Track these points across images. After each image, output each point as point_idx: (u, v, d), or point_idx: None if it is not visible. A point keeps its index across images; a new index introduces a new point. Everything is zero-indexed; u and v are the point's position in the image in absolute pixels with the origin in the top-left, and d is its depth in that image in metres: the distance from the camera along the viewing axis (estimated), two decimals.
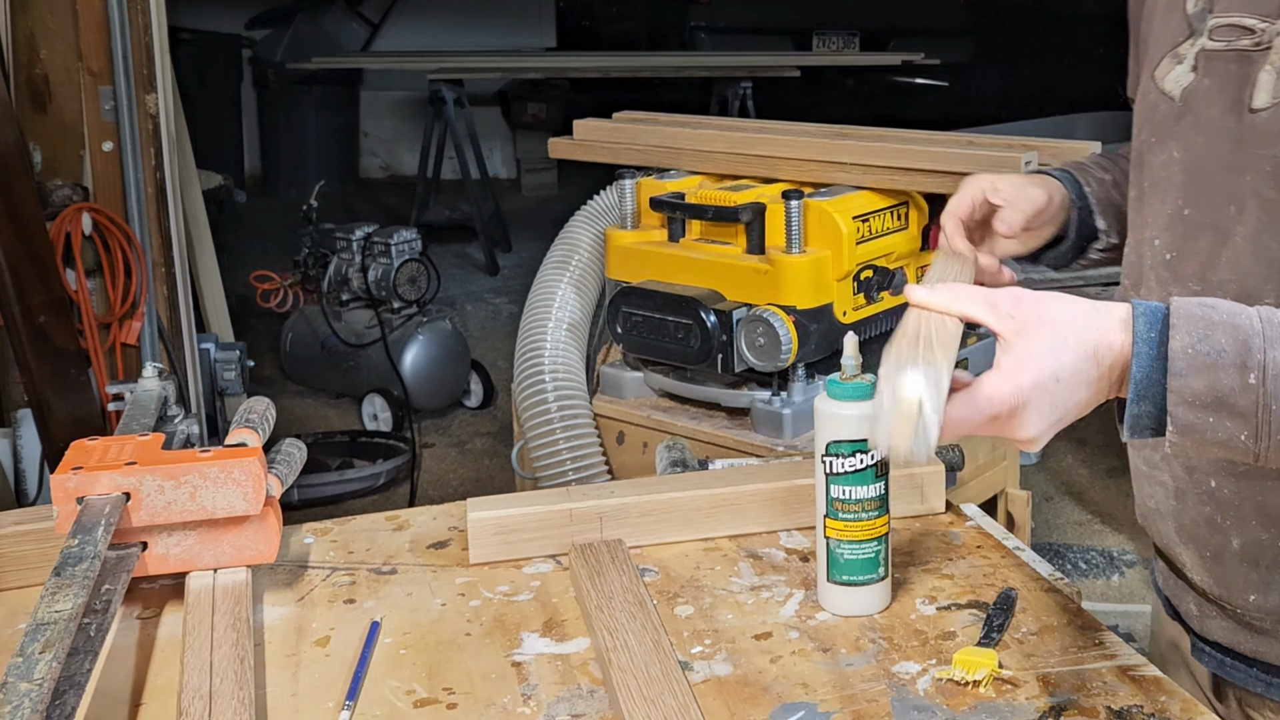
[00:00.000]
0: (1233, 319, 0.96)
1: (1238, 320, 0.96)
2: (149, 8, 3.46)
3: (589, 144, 2.79)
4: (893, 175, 2.36)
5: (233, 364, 3.73)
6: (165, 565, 1.32)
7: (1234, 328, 0.95)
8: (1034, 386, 0.96)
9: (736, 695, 1.15)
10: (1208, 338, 0.95)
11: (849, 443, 1.25)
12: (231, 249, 5.56)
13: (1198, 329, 0.95)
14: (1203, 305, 0.98)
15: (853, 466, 1.25)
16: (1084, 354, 0.97)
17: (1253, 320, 0.96)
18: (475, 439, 4.75)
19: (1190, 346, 0.95)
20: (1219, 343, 0.95)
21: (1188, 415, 0.95)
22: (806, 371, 2.35)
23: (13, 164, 3.08)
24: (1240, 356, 0.94)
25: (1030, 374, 0.96)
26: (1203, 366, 0.95)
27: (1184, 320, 0.96)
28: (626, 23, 9.78)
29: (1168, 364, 0.95)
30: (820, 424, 1.27)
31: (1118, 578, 3.64)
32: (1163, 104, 1.21)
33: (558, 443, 2.49)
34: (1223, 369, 0.94)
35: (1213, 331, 0.95)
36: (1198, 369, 0.95)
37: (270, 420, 1.52)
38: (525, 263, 6.48)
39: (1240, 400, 0.94)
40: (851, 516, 1.27)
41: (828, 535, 1.29)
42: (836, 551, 1.28)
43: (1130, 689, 1.15)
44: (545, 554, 1.43)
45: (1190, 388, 0.95)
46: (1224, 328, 0.95)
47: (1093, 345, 0.98)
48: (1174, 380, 0.95)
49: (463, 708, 1.15)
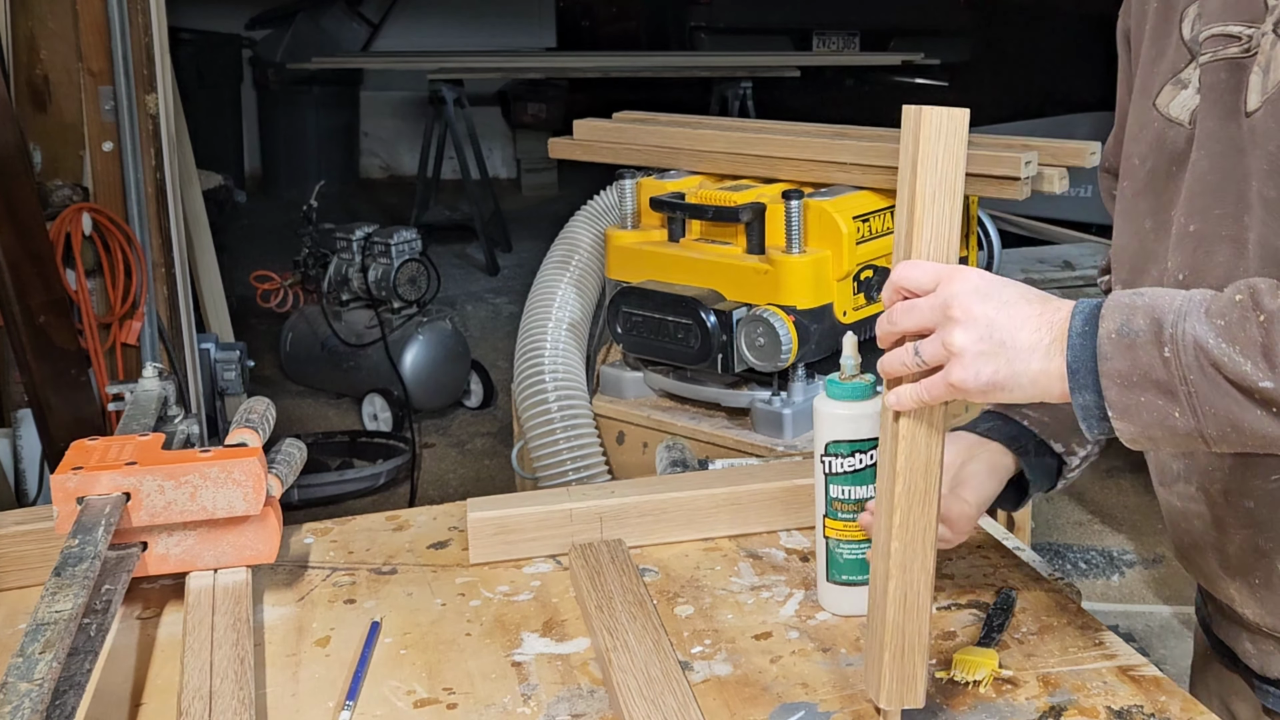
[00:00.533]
0: (1155, 300, 0.99)
1: (1158, 301, 0.99)
2: (149, 8, 3.46)
3: (589, 144, 2.79)
4: (892, 175, 2.35)
5: (233, 364, 3.73)
6: (165, 565, 1.32)
7: (1152, 308, 0.98)
8: (966, 272, 1.02)
9: (736, 695, 1.15)
10: (1129, 321, 0.98)
11: (848, 443, 1.25)
12: (231, 249, 5.55)
13: (1122, 314, 0.99)
14: (1133, 294, 1.00)
15: (852, 466, 1.26)
16: (1026, 294, 1.03)
17: (1174, 299, 0.99)
18: (475, 439, 4.76)
19: (1114, 331, 0.98)
20: (1138, 324, 0.98)
21: (1120, 397, 0.98)
22: (806, 371, 2.35)
23: (13, 164, 3.08)
24: (1155, 334, 0.97)
25: (965, 270, 1.03)
26: (1124, 347, 0.98)
27: (1111, 309, 0.99)
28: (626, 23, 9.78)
29: (1096, 349, 0.98)
30: (820, 424, 1.27)
31: (1118, 578, 3.64)
32: (1171, 131, 1.20)
33: (558, 443, 2.49)
34: (1140, 347, 0.97)
35: (1134, 315, 0.98)
36: (1120, 350, 0.98)
37: (270, 420, 1.52)
38: (525, 263, 6.49)
39: (1160, 375, 0.97)
40: (850, 516, 1.27)
41: (827, 535, 1.29)
42: (836, 551, 1.29)
43: (1130, 689, 1.15)
44: (545, 554, 1.43)
45: (1116, 369, 0.98)
46: (1143, 310, 0.98)
47: (1037, 298, 1.03)
48: (1102, 364, 0.98)
49: (463, 708, 1.15)
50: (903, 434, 1.05)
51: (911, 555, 1.06)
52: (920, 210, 1.03)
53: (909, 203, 1.04)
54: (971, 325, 1.00)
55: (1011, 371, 1.00)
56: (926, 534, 1.06)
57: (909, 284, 1.04)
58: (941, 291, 1.02)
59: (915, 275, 1.03)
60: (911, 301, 1.04)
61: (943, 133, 1.02)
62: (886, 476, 1.07)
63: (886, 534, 1.06)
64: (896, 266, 1.05)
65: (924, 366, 1.03)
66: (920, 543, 1.06)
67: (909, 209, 1.04)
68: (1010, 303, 1.01)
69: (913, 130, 1.03)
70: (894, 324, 1.05)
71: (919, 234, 1.03)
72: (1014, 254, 4.55)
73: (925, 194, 1.03)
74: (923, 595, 1.06)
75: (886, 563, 1.06)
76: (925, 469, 1.05)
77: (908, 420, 1.05)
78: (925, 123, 1.02)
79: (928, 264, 1.03)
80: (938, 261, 1.03)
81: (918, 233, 1.03)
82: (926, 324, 1.03)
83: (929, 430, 1.05)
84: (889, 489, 1.06)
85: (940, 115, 1.02)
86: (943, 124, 1.02)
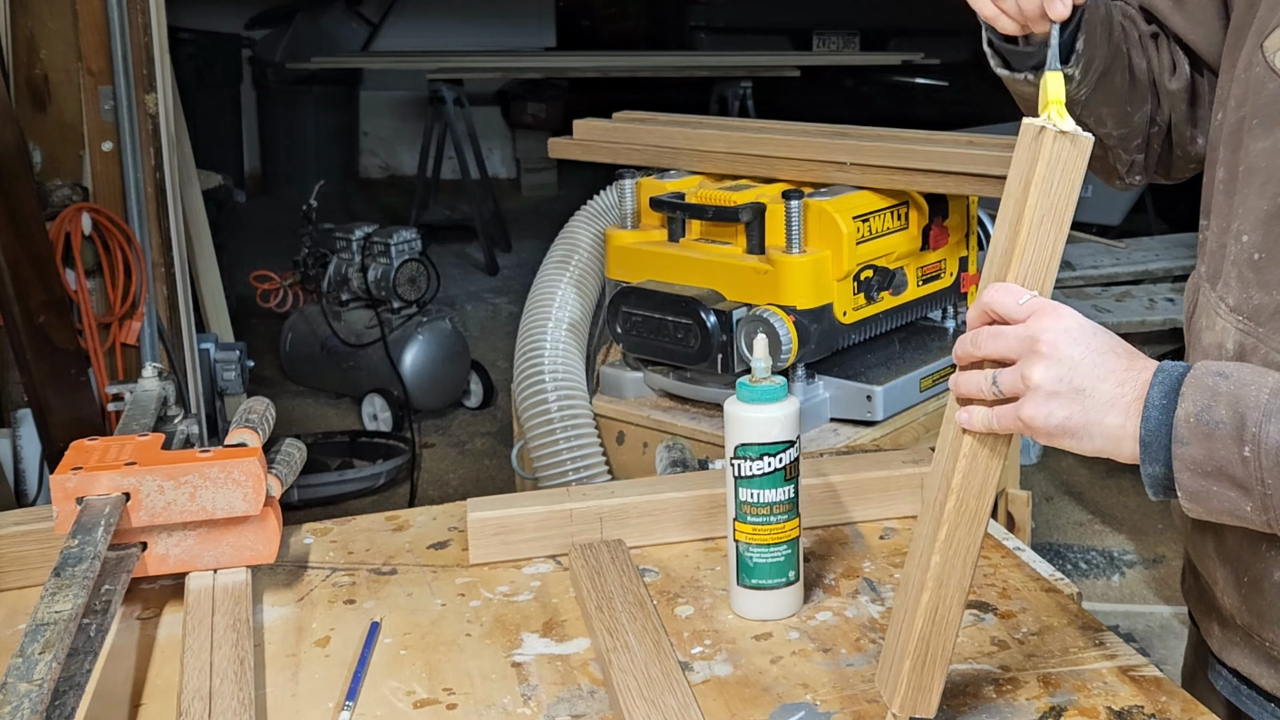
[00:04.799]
0: (1239, 389, 0.96)
1: (1243, 391, 0.96)
2: (149, 8, 3.46)
3: (589, 144, 2.79)
4: (893, 175, 2.36)
5: (233, 364, 3.73)
6: (165, 565, 1.32)
7: (1236, 399, 0.96)
8: (1061, 310, 0.99)
9: (736, 695, 1.15)
10: (1210, 408, 0.96)
11: (757, 445, 1.24)
12: (231, 249, 5.55)
13: (1203, 398, 0.96)
14: (1217, 375, 0.98)
15: (760, 470, 1.25)
16: (1115, 347, 1.00)
17: (1260, 392, 0.96)
18: (475, 439, 4.75)
19: (1193, 415, 0.96)
20: (1219, 414, 0.96)
21: (1192, 482, 0.97)
22: (806, 371, 2.35)
23: (13, 164, 3.08)
24: (1237, 429, 0.95)
25: (1061, 308, 1.00)
26: (1202, 436, 0.96)
27: (1192, 389, 0.97)
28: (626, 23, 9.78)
29: (1172, 430, 0.97)
30: (730, 427, 1.26)
31: (1118, 578, 3.64)
32: (1271, 82, 1.11)
33: (558, 443, 2.49)
34: (1219, 440, 0.95)
35: (1216, 402, 0.96)
36: (1198, 438, 0.96)
37: (270, 420, 1.52)
38: (525, 263, 6.48)
39: (1238, 472, 0.95)
40: (760, 520, 1.26)
41: (737, 539, 1.28)
42: (746, 555, 1.28)
43: (1130, 689, 1.15)
44: (545, 554, 1.43)
45: (1191, 456, 0.96)
46: (1227, 398, 0.96)
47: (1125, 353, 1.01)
48: (1177, 447, 0.97)
49: (463, 708, 1.15)
50: (965, 452, 1.03)
51: (950, 571, 1.04)
52: (1025, 233, 0.99)
53: (1014, 223, 1.00)
54: (1055, 364, 0.98)
55: (1085, 421, 0.99)
56: (969, 554, 1.04)
57: (1000, 309, 1.01)
58: (1033, 325, 0.99)
59: (1008, 302, 1.00)
60: (1000, 328, 1.01)
61: (1063, 158, 0.99)
62: (940, 489, 1.04)
63: (929, 545, 1.04)
64: (989, 288, 1.02)
65: (999, 396, 1.01)
66: (962, 561, 1.04)
67: (1013, 230, 1.00)
68: (1099, 351, 0.99)
69: (1030, 149, 1.00)
70: (977, 347, 1.02)
71: (1019, 257, 1.00)
72: None
73: (1034, 218, 0.99)
74: (954, 611, 1.05)
75: (924, 574, 1.04)
76: (980, 491, 1.03)
77: (971, 440, 1.03)
78: (1046, 145, 0.98)
79: (1022, 291, 1.00)
80: (1033, 289, 1.00)
81: (1018, 256, 1.00)
82: (1011, 354, 1.00)
83: (990, 455, 1.03)
84: (940, 501, 1.04)
85: (1064, 142, 0.99)
86: (1065, 150, 0.99)
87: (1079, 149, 0.99)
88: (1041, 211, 0.99)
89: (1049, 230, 1.00)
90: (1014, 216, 1.00)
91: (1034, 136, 1.00)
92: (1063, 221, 1.00)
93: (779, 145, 2.48)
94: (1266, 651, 1.17)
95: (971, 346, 1.03)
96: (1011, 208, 1.01)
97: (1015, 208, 1.00)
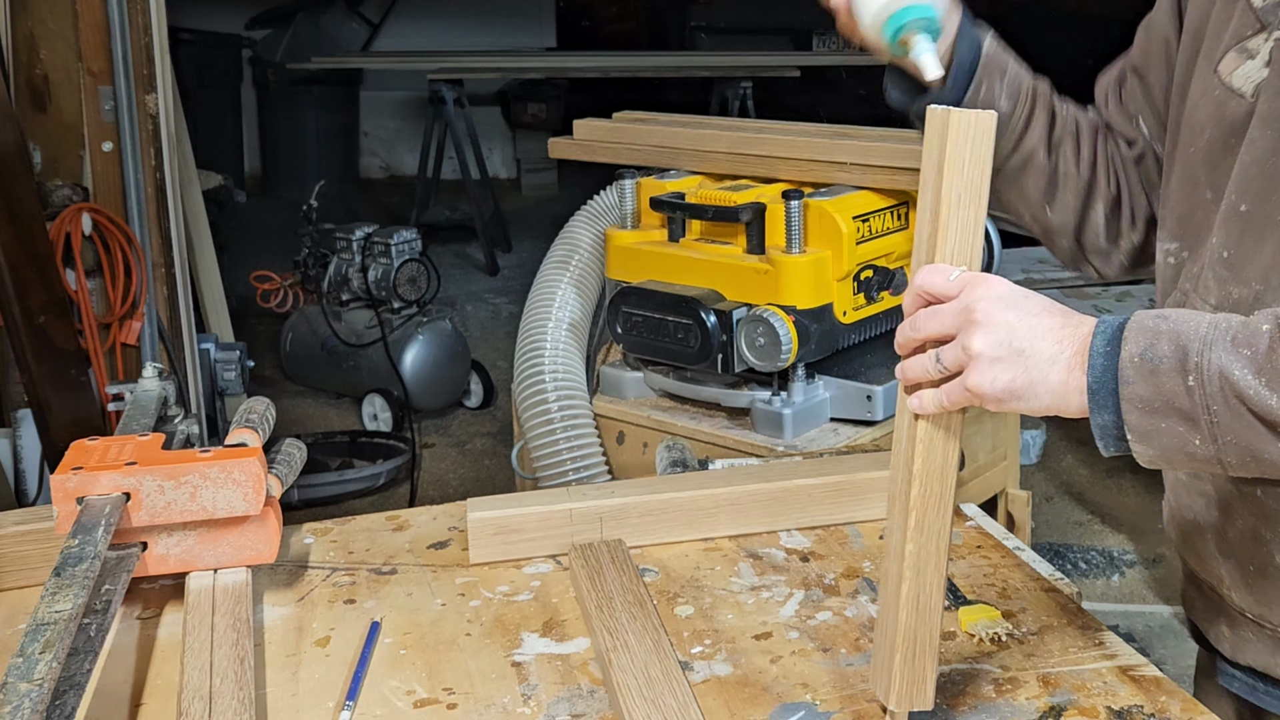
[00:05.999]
0: (1179, 326, 0.98)
1: (1183, 327, 0.98)
2: (149, 8, 3.46)
3: (589, 144, 2.78)
4: (893, 175, 2.36)
5: (233, 364, 3.73)
6: (165, 565, 1.32)
7: (1177, 334, 0.98)
8: (990, 279, 1.01)
9: (736, 695, 1.15)
10: (1153, 346, 0.98)
11: None
12: (231, 249, 5.56)
13: (1145, 339, 0.98)
14: (1156, 316, 1.00)
15: None
16: (1049, 306, 1.02)
17: (1199, 326, 0.98)
18: (475, 439, 4.75)
19: (1136, 355, 0.98)
20: (1162, 350, 0.98)
21: (1141, 422, 0.98)
22: (806, 371, 2.35)
23: (13, 164, 3.08)
24: (1180, 361, 0.97)
25: (990, 278, 1.02)
26: (1147, 373, 0.97)
27: (1134, 332, 0.99)
28: (626, 23, 9.79)
29: (1118, 373, 0.98)
30: None
31: (1118, 578, 3.64)
32: (1232, 102, 1.16)
33: (558, 443, 2.49)
34: (1164, 374, 0.97)
35: (1158, 340, 0.98)
36: (1143, 376, 0.98)
37: (270, 420, 1.52)
38: (525, 263, 6.49)
39: (1184, 404, 0.97)
40: None
41: None
42: None
43: (1130, 689, 1.15)
44: (545, 554, 1.43)
45: (1138, 394, 0.98)
46: (1168, 335, 0.98)
47: (1060, 312, 1.02)
48: (1123, 387, 0.98)
49: (463, 708, 1.15)
50: (920, 437, 1.04)
51: (925, 558, 1.05)
52: (945, 214, 1.01)
53: (933, 206, 1.02)
54: (992, 330, 0.99)
55: (1029, 380, 1.00)
56: (941, 537, 1.05)
57: (932, 289, 1.02)
58: (965, 297, 1.01)
59: (938, 281, 1.02)
60: (934, 307, 1.03)
61: (970, 135, 1.00)
62: (903, 479, 1.06)
63: (901, 536, 1.06)
64: (919, 271, 1.04)
65: (945, 373, 1.02)
66: (934, 546, 1.05)
67: (933, 213, 1.02)
68: (1033, 313, 1.01)
69: (939, 131, 1.02)
70: (916, 330, 1.04)
71: (943, 238, 1.02)
72: (1014, 254, 4.55)
73: (950, 198, 1.01)
74: (935, 598, 1.06)
75: (900, 565, 1.06)
76: (941, 473, 1.05)
77: (925, 424, 1.04)
78: (953, 124, 1.00)
79: (951, 269, 1.02)
80: (960, 265, 1.02)
81: (941, 237, 1.02)
82: (949, 330, 1.02)
83: (946, 435, 1.04)
84: (905, 492, 1.05)
85: (968, 117, 1.00)
86: (970, 126, 1.00)
87: (983, 124, 1.01)
88: (958, 189, 1.01)
89: (968, 206, 1.02)
90: (933, 200, 1.02)
91: (940, 119, 1.02)
92: (980, 196, 1.02)
93: (779, 145, 2.48)
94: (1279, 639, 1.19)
95: (911, 331, 1.05)
96: (930, 193, 1.03)
97: (933, 191, 1.02)
